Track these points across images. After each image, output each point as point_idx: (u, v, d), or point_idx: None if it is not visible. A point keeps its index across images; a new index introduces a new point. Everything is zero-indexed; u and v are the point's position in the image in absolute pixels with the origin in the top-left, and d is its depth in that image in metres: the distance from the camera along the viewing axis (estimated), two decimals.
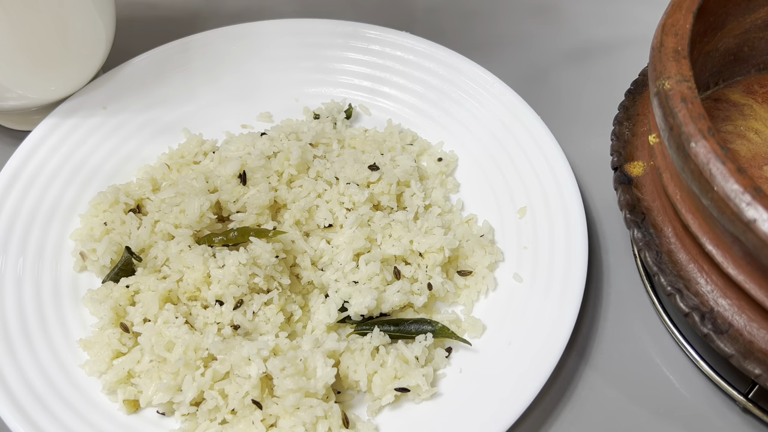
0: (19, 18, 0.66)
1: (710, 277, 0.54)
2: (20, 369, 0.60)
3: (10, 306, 0.64)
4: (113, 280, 0.66)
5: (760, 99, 0.70)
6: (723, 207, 0.46)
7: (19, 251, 0.68)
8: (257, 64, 0.84)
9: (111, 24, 0.77)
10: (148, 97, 0.80)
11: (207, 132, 0.79)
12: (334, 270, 0.66)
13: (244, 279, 0.62)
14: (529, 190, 0.72)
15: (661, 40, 0.54)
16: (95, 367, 0.61)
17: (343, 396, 0.62)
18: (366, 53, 0.84)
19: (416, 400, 0.60)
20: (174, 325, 0.61)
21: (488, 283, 0.67)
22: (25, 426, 0.57)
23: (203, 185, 0.69)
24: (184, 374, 0.58)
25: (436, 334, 0.63)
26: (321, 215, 0.68)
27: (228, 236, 0.65)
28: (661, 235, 0.58)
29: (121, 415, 0.60)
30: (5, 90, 0.72)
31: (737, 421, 0.62)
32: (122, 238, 0.68)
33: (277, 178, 0.71)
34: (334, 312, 0.64)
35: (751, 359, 0.52)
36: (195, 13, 0.97)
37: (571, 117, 0.84)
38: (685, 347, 0.64)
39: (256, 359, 0.58)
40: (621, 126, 0.66)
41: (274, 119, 0.82)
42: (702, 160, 0.47)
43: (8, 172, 0.72)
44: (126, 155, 0.77)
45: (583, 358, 0.65)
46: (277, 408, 0.57)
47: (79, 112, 0.77)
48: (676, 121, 0.50)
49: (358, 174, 0.70)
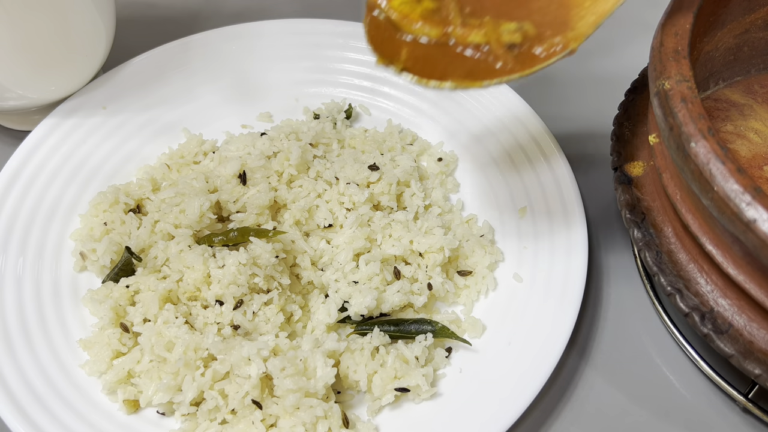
0: (19, 18, 0.66)
1: (710, 277, 0.54)
2: (20, 369, 0.60)
3: (10, 306, 0.64)
4: (113, 280, 0.66)
5: (760, 99, 0.70)
6: (723, 207, 0.46)
7: (19, 251, 0.68)
8: (257, 64, 0.84)
9: (111, 24, 0.77)
10: (148, 97, 0.80)
11: (207, 132, 0.79)
12: (334, 270, 0.66)
13: (244, 279, 0.62)
14: (529, 190, 0.72)
15: (661, 40, 0.54)
16: (95, 367, 0.61)
17: (343, 396, 0.62)
18: (366, 53, 0.83)
19: (416, 400, 0.60)
20: (174, 325, 0.61)
21: (488, 283, 0.67)
22: (25, 426, 0.57)
23: (203, 185, 0.69)
24: (184, 374, 0.58)
25: (436, 334, 0.63)
26: (321, 215, 0.68)
27: (228, 236, 0.65)
28: (661, 235, 0.58)
29: (121, 415, 0.60)
30: (5, 90, 0.72)
31: (737, 421, 0.62)
32: (122, 238, 0.68)
33: (277, 178, 0.71)
34: (334, 312, 0.64)
35: (751, 359, 0.52)
36: (195, 13, 0.97)
37: (571, 117, 0.84)
38: (685, 347, 0.64)
39: (256, 359, 0.58)
40: (621, 126, 0.66)
41: (274, 119, 0.82)
42: (702, 160, 0.47)
43: (8, 172, 0.72)
44: (126, 155, 0.77)
45: (583, 358, 0.65)
46: (277, 408, 0.57)
47: (79, 112, 0.77)
48: (676, 121, 0.50)
49: (358, 174, 0.70)
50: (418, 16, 0.54)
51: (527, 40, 0.55)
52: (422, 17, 0.54)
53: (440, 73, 0.54)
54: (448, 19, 0.54)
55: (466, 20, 0.55)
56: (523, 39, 0.54)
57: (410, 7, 0.54)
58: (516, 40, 0.54)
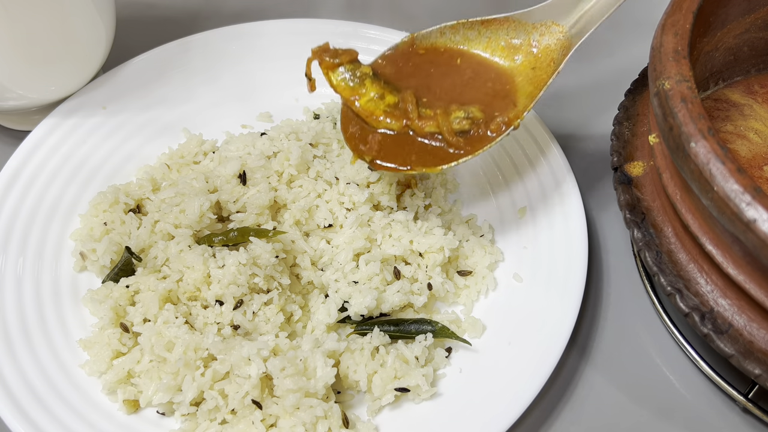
0: (19, 18, 0.66)
1: (710, 277, 0.54)
2: (20, 369, 0.60)
3: (10, 306, 0.64)
4: (113, 280, 0.66)
5: (760, 99, 0.70)
6: (723, 207, 0.46)
7: (19, 251, 0.68)
8: (257, 64, 0.84)
9: (111, 24, 0.77)
10: (148, 97, 0.80)
11: (207, 132, 0.79)
12: (334, 270, 0.66)
13: (244, 279, 0.62)
14: (529, 190, 0.72)
15: (661, 40, 0.54)
16: (95, 367, 0.61)
17: (343, 396, 0.62)
18: (366, 53, 0.83)
19: (416, 400, 0.60)
20: (174, 325, 0.60)
21: (488, 283, 0.67)
22: (25, 426, 0.57)
23: (203, 185, 0.69)
24: (184, 374, 0.58)
25: (436, 334, 0.63)
26: (321, 215, 0.68)
27: (228, 236, 0.65)
28: (661, 235, 0.58)
29: (121, 415, 0.60)
30: (5, 90, 0.72)
31: (737, 421, 0.62)
32: (122, 238, 0.68)
33: (277, 178, 0.71)
34: (334, 312, 0.64)
35: (751, 359, 0.52)
36: (195, 13, 0.97)
37: (571, 117, 0.84)
38: (685, 347, 0.64)
39: (256, 359, 0.58)
40: (621, 126, 0.66)
41: (274, 119, 0.82)
42: (702, 160, 0.47)
43: (8, 172, 0.72)
44: (126, 155, 0.77)
45: (583, 358, 0.65)
46: (277, 408, 0.57)
47: (79, 112, 0.77)
48: (676, 121, 0.50)
49: (358, 174, 0.70)
50: (382, 112, 0.63)
51: (475, 125, 0.63)
52: (385, 113, 0.63)
53: (402, 159, 0.63)
54: (407, 113, 0.63)
55: (422, 112, 0.63)
56: (472, 125, 0.63)
57: (375, 104, 0.64)
58: (465, 128, 0.63)
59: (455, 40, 0.67)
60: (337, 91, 0.66)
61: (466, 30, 0.67)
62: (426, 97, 0.65)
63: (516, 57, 0.66)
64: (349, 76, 0.65)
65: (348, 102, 0.65)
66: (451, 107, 0.64)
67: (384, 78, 0.66)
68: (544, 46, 0.65)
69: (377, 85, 0.65)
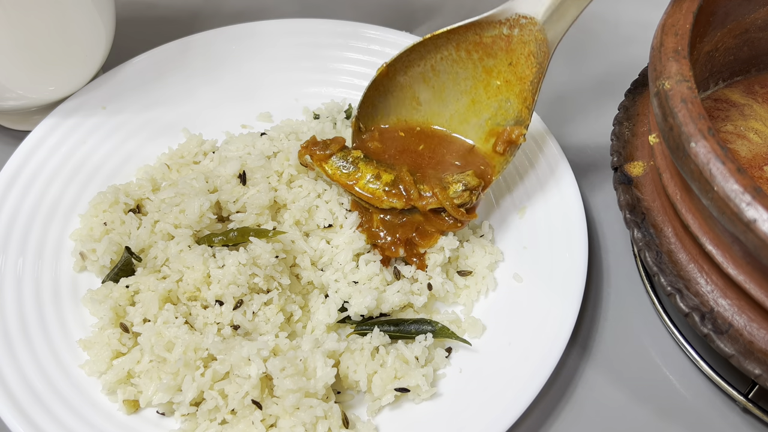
0: (19, 18, 0.66)
1: (710, 277, 0.54)
2: (20, 369, 0.60)
3: (10, 306, 0.64)
4: (113, 280, 0.66)
5: (760, 99, 0.70)
6: (723, 207, 0.46)
7: (19, 251, 0.68)
8: (257, 64, 0.84)
9: (111, 24, 0.77)
10: (148, 97, 0.81)
11: (207, 132, 0.79)
12: (334, 270, 0.66)
13: (244, 279, 0.62)
14: (529, 190, 0.72)
15: (661, 40, 0.54)
16: (95, 367, 0.61)
17: (343, 396, 0.62)
18: (366, 53, 0.84)
19: (416, 400, 0.60)
20: (174, 325, 0.60)
21: (488, 283, 0.67)
22: (25, 426, 0.57)
23: (203, 185, 0.69)
24: (184, 374, 0.58)
25: (436, 334, 0.63)
26: (321, 215, 0.68)
27: (228, 236, 0.65)
28: (661, 235, 0.58)
29: (121, 415, 0.60)
30: (5, 90, 0.72)
31: (737, 421, 0.62)
32: (122, 238, 0.68)
33: (277, 178, 0.71)
34: (334, 312, 0.64)
35: (751, 359, 0.52)
36: (195, 13, 0.97)
37: (571, 117, 0.84)
38: (685, 347, 0.64)
39: (256, 359, 0.58)
40: (621, 126, 0.66)
41: (274, 119, 0.82)
42: (702, 160, 0.47)
43: (8, 172, 0.72)
44: (126, 155, 0.77)
45: (583, 358, 0.65)
46: (277, 408, 0.57)
47: (79, 112, 0.77)
48: (676, 121, 0.50)
49: None
50: (382, 192, 0.65)
51: (474, 193, 0.65)
52: (386, 192, 0.66)
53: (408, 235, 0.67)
54: (409, 193, 0.65)
55: (420, 188, 0.66)
56: (471, 195, 0.65)
57: (374, 185, 0.66)
58: (465, 200, 0.65)
59: (427, 53, 0.68)
60: (334, 180, 0.67)
61: (434, 40, 0.67)
62: (419, 172, 0.68)
63: (488, 59, 0.66)
64: (343, 163, 0.67)
65: (348, 188, 0.67)
66: (447, 180, 0.66)
67: (375, 157, 0.68)
68: (516, 39, 0.65)
69: (371, 165, 0.67)
